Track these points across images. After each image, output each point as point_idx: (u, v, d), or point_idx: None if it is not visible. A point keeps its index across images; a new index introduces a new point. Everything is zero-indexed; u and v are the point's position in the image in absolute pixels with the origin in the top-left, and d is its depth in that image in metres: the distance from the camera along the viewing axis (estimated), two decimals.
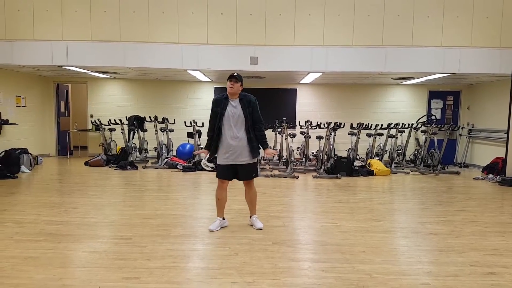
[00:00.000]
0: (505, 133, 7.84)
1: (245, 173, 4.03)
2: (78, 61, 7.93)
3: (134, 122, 9.59)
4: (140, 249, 3.46)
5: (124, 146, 9.53)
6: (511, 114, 7.49)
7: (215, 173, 4.17)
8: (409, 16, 7.81)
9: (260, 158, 8.77)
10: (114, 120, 9.67)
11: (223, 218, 4.17)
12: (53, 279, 2.81)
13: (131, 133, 9.62)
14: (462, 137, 10.57)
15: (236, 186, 6.78)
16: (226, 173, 4.00)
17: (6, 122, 8.57)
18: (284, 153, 8.76)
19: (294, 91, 10.77)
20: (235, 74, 3.91)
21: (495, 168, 8.32)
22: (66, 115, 11.45)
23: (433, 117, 10.27)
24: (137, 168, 8.65)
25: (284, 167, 8.70)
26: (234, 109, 3.91)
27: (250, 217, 4.28)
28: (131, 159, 9.19)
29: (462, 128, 10.49)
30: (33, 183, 6.87)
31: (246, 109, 3.91)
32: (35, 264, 3.07)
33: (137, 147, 9.84)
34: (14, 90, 9.10)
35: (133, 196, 5.81)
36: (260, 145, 4.04)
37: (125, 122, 9.61)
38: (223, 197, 4.10)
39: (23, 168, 7.91)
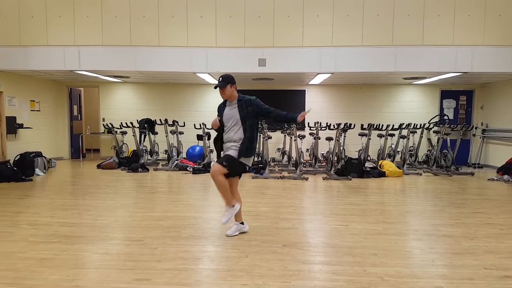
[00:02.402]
0: None
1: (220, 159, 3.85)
2: (90, 65, 8.05)
3: (145, 125, 9.69)
4: (151, 250, 3.48)
5: (135, 148, 9.63)
6: None
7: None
8: (419, 15, 7.73)
9: (269, 159, 8.76)
10: (126, 123, 9.78)
11: (242, 223, 4.03)
12: (66, 280, 2.85)
13: (142, 136, 9.72)
14: (475, 137, 10.39)
15: (243, 188, 6.80)
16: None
17: (21, 126, 8.75)
18: (294, 155, 8.74)
19: (303, 92, 10.74)
20: (219, 79, 3.81)
21: (510, 169, 8.15)
22: (79, 119, 11.63)
23: (445, 117, 10.13)
24: (148, 170, 8.73)
25: (294, 168, 8.67)
26: (229, 112, 3.84)
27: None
28: (142, 161, 9.27)
29: (475, 128, 10.31)
30: (47, 185, 6.98)
31: (244, 110, 3.79)
32: (49, 266, 3.12)
33: (148, 150, 9.93)
34: (28, 95, 9.28)
35: (144, 198, 5.86)
36: (291, 118, 3.85)
37: (136, 125, 9.72)
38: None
39: (37, 171, 8.05)
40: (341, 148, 8.83)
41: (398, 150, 9.45)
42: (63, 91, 10.80)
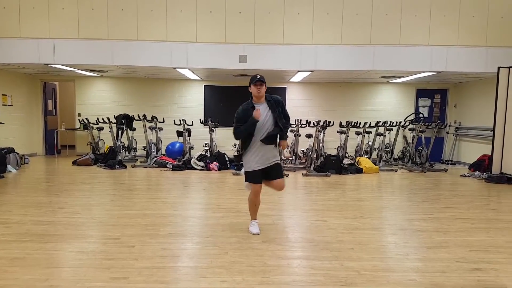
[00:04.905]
0: (491, 131, 7.98)
1: (276, 172, 3.88)
2: (65, 59, 7.83)
3: (123, 121, 9.49)
4: (128, 249, 3.43)
5: (112, 145, 9.44)
6: (497, 112, 7.63)
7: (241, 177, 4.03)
8: (396, 15, 7.89)
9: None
10: (102, 118, 9.57)
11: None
12: (40, 280, 2.77)
13: (120, 132, 9.53)
14: (449, 135, 10.72)
15: (224, 185, 6.79)
16: (260, 177, 3.85)
17: None
18: None
19: (283, 89, 10.79)
20: (259, 76, 3.76)
21: (481, 165, 8.45)
22: (54, 114, 11.29)
23: (420, 115, 10.39)
24: (125, 167, 8.57)
25: None
26: (265, 113, 3.77)
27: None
28: (120, 158, 9.11)
29: (449, 126, 10.64)
30: (19, 183, 6.76)
31: (276, 110, 3.79)
32: (21, 265, 3.03)
33: (126, 146, 9.75)
34: (0, 89, 8.95)
35: (122, 196, 5.76)
36: (280, 135, 3.88)
37: (113, 120, 9.51)
38: (258, 201, 4.02)
39: (9, 167, 7.77)
40: (321, 145, 8.94)
41: (374, 147, 9.64)
42: (37, 85, 10.44)
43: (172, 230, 4.02)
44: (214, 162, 8.46)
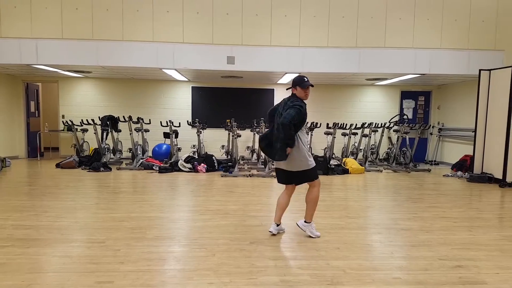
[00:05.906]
0: (472, 132, 8.17)
1: None
2: (48, 59, 7.69)
3: (108, 122, 9.37)
4: (113, 252, 3.39)
5: (97, 147, 9.30)
6: (478, 113, 7.81)
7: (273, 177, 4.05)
8: (381, 18, 8.01)
9: (239, 158, 8.77)
10: (87, 120, 9.43)
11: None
12: (22, 286, 2.71)
13: (105, 134, 9.40)
14: (432, 136, 10.93)
15: (212, 187, 6.77)
16: None
17: None
18: (262, 153, 8.79)
19: (271, 91, 10.83)
20: (306, 78, 3.85)
21: (463, 166, 8.64)
22: (36, 116, 11.07)
23: (405, 117, 10.57)
24: (110, 169, 8.46)
25: (263, 166, 8.73)
26: None
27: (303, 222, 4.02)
28: (105, 160, 8.98)
29: (432, 127, 10.85)
30: (0, 186, 6.60)
31: None
32: (2, 271, 2.95)
33: (111, 148, 9.63)
34: None
35: (107, 199, 5.68)
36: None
37: (98, 122, 9.38)
38: None
39: None
40: (308, 146, 8.98)
41: (360, 148, 9.76)
42: (19, 86, 10.23)
43: (159, 233, 3.99)
44: (202, 164, 8.42)
